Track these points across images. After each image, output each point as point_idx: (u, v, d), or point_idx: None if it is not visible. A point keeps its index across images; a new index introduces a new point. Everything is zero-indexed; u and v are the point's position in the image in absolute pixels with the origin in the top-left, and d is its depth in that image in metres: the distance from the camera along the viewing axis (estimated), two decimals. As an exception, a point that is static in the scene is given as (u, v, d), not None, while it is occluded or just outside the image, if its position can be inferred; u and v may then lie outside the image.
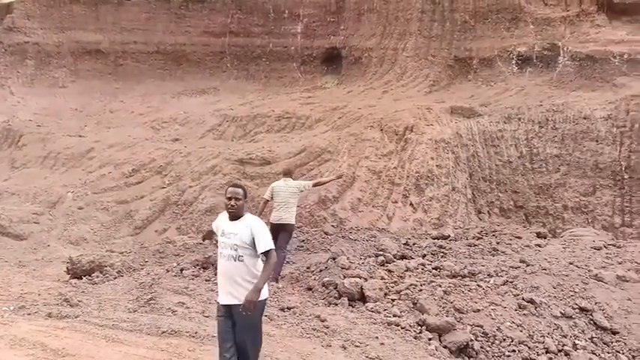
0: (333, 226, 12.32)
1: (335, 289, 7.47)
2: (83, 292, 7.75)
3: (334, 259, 8.41)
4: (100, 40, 21.67)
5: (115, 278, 8.69)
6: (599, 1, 17.46)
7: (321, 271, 8.22)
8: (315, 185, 9.78)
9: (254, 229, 4.23)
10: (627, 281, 8.15)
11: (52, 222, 13.30)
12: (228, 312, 4.22)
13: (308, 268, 8.49)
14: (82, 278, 8.98)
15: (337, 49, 20.72)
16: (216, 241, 4.49)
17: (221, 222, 4.44)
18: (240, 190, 4.36)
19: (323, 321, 6.21)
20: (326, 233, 11.50)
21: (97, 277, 8.89)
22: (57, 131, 17.42)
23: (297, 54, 21.13)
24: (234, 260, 4.22)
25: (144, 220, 13.36)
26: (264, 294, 4.26)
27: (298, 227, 11.99)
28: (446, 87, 18.31)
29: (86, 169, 15.33)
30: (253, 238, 4.21)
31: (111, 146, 16.18)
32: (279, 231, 8.32)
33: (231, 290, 4.21)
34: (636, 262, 8.83)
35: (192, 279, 8.08)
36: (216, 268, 4.76)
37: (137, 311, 6.50)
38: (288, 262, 8.81)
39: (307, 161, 14.39)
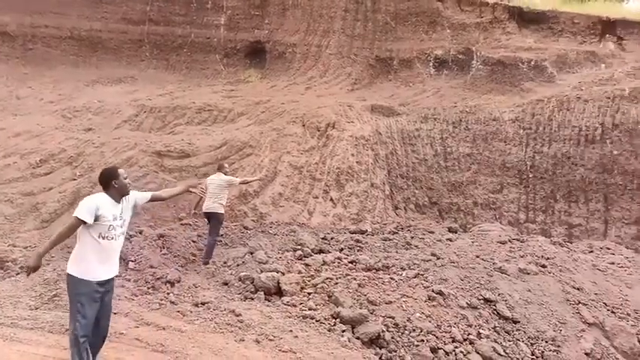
0: (253, 220, 12.25)
1: (251, 283, 7.43)
2: (-20, 289, 7.24)
3: (252, 253, 8.37)
4: (7, 21, 20.24)
5: (18, 274, 8.18)
6: (510, 9, 18.47)
7: (238, 265, 8.16)
8: (241, 183, 10.33)
9: (132, 196, 4.72)
10: (528, 273, 8.69)
11: (-53, 215, 12.28)
12: (103, 287, 4.48)
13: (225, 262, 8.40)
14: (-21, 275, 8.38)
15: (261, 43, 20.59)
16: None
17: (106, 207, 4.46)
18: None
19: (237, 315, 6.16)
20: (246, 228, 11.42)
21: (-3, 273, 8.33)
22: (-45, 117, 16.12)
23: (220, 46, 20.78)
24: (123, 234, 4.64)
25: (51, 214, 12.62)
26: None
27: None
28: (367, 86, 18.69)
29: (-12, 158, 14.28)
30: (136, 204, 4.77)
31: (17, 135, 15.16)
32: (209, 218, 9.20)
33: (113, 263, 4.60)
34: (536, 256, 9.44)
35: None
36: None
37: (40, 308, 6.16)
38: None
39: (228, 155, 14.20)
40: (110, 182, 4.51)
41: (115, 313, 6.04)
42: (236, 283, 7.57)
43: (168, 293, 6.93)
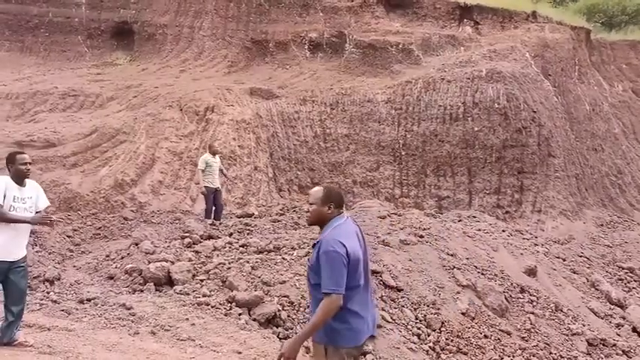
0: (132, 210, 11.68)
1: (140, 275, 7.12)
2: None
3: (137, 244, 8.01)
4: None
5: None
6: (378, -7, 19.25)
7: (122, 258, 7.77)
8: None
9: (40, 191, 5.14)
10: (408, 244, 9.25)
11: None
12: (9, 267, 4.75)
13: (107, 256, 7.94)
14: None
15: (128, 24, 19.42)
16: None
17: (7, 188, 4.78)
18: (28, 156, 5.05)
19: (129, 309, 5.89)
20: (125, 219, 10.87)
21: None
22: None
23: (82, 26, 19.27)
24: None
25: None
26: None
27: (93, 214, 11.21)
28: (244, 68, 18.50)
29: None
30: (37, 201, 5.06)
31: None
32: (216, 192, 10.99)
33: (22, 245, 4.89)
34: (414, 227, 10.07)
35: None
36: None
37: None
38: None
39: (100, 143, 13.34)
40: (7, 166, 4.88)
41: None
42: (122, 276, 7.21)
43: (48, 292, 6.42)
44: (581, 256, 11.78)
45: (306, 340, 3.32)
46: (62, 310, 5.74)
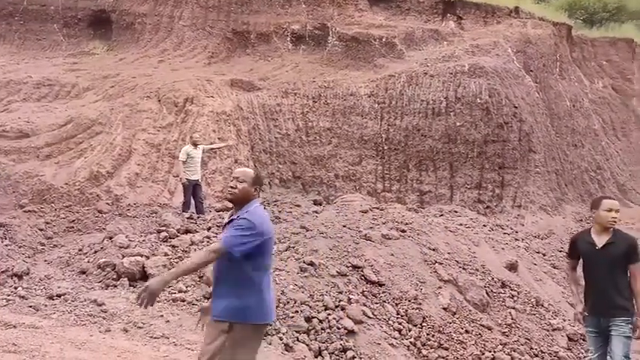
0: (108, 203, 11.39)
1: (113, 270, 6.89)
2: None
3: (111, 238, 7.75)
4: None
5: None
6: (361, -14, 19.04)
7: (96, 252, 7.51)
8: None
9: None
10: (390, 239, 9.14)
11: None
12: None
13: (80, 250, 7.69)
14: None
15: (106, 13, 18.96)
16: None
17: None
18: None
19: (100, 305, 5.67)
20: (100, 212, 10.59)
21: None
22: None
23: (58, 15, 18.75)
24: None
25: None
26: None
27: (67, 206, 10.92)
28: (225, 59, 18.19)
29: None
30: None
31: None
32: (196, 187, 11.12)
33: None
34: (397, 222, 9.96)
35: None
36: None
37: None
38: None
39: (75, 134, 13.01)
40: None
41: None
42: (95, 271, 6.97)
43: (16, 287, 6.16)
44: (561, 251, 11.82)
45: (174, 279, 3.32)
46: (30, 307, 5.50)
